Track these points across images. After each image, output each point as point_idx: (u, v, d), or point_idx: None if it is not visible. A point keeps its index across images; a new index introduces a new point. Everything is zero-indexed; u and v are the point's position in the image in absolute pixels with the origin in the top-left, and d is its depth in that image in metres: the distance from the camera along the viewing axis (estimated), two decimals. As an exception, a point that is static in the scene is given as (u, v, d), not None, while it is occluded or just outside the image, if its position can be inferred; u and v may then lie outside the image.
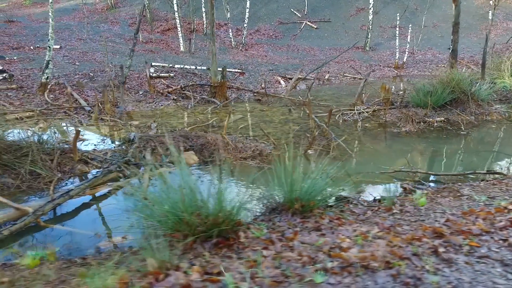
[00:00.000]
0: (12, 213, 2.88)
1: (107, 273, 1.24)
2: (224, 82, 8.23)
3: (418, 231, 1.64)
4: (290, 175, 2.30)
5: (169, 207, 1.88)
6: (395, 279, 1.21)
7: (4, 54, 11.93)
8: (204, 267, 1.35)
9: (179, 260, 1.42)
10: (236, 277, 1.22)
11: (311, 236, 1.67)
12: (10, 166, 3.63)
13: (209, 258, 1.47)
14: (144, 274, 1.27)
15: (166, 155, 4.23)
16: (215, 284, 1.21)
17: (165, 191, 1.96)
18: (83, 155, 4.12)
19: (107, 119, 6.28)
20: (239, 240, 1.66)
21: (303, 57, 17.20)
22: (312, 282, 1.19)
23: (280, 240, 1.65)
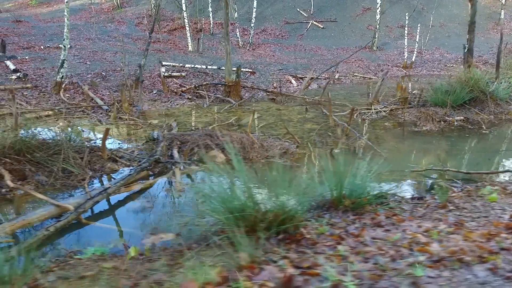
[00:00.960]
0: (53, 210, 2.89)
1: (205, 268, 1.25)
2: (239, 81, 8.24)
3: (490, 227, 1.64)
4: (339, 172, 2.30)
5: (229, 203, 1.88)
6: (494, 273, 1.21)
7: (16, 53, 11.98)
8: (292, 262, 1.36)
9: (261, 255, 1.42)
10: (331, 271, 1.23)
11: (376, 232, 1.68)
12: (43, 164, 3.65)
13: (285, 253, 1.48)
14: (238, 268, 1.28)
15: (194, 154, 4.24)
16: (315, 277, 1.22)
17: (220, 188, 1.96)
18: (112, 154, 4.13)
19: (126, 118, 6.30)
20: (305, 236, 1.67)
21: (311, 56, 17.20)
22: (411, 275, 1.19)
23: (347, 236, 1.66)
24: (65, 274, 1.46)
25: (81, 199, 3.11)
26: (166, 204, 3.27)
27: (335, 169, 2.38)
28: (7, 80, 9.02)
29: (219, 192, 1.94)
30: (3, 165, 3.48)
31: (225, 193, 1.91)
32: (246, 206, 1.83)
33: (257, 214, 1.76)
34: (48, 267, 1.69)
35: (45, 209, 2.87)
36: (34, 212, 2.82)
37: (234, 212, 1.85)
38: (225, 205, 1.92)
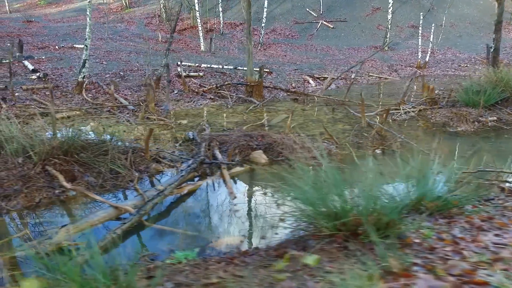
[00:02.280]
0: (112, 212, 2.84)
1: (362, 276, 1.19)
2: (261, 81, 8.19)
3: None
4: (421, 173, 2.24)
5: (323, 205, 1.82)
6: None
7: (32, 53, 11.96)
8: (432, 268, 1.30)
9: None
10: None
11: (488, 236, 1.62)
12: (90, 164, 3.60)
13: (411, 259, 1.42)
14: (390, 275, 1.22)
15: (235, 154, 4.18)
16: (481, 286, 1.17)
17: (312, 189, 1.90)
18: (155, 154, 4.08)
19: (154, 118, 6.25)
20: (414, 241, 1.61)
21: (323, 56, 17.13)
22: None
23: (459, 240, 1.60)
24: (184, 281, 1.41)
25: (136, 200, 3.06)
26: (218, 206, 3.22)
27: (411, 170, 2.32)
28: (27, 80, 9.00)
29: (311, 194, 1.88)
30: (53, 166, 3.43)
31: (318, 195, 1.86)
32: (345, 208, 1.77)
33: (359, 217, 1.70)
34: (145, 273, 1.64)
35: (105, 211, 2.82)
36: (95, 214, 2.77)
37: (331, 215, 1.80)
38: (317, 208, 1.86)
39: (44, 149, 3.46)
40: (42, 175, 3.32)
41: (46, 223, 2.87)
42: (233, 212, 3.00)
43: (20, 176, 3.26)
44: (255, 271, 1.47)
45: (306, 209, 1.93)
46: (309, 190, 1.91)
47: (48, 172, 3.37)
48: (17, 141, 3.54)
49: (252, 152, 4.26)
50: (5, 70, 10.02)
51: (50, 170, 3.35)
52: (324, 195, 1.82)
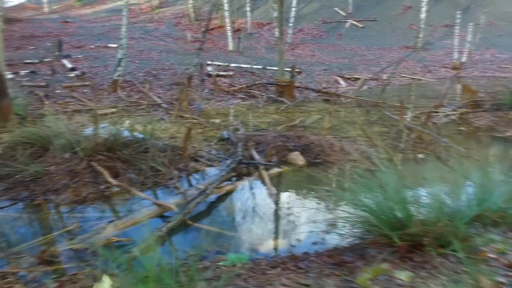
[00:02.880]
0: (156, 210, 2.87)
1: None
2: (293, 81, 8.10)
3: None
4: (482, 180, 2.09)
5: (384, 212, 1.73)
6: None
7: (69, 52, 12.47)
8: None
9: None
10: None
11: None
12: (130, 161, 3.67)
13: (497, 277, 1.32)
14: None
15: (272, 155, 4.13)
16: None
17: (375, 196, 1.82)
18: (193, 153, 4.11)
19: (187, 117, 6.32)
20: (490, 256, 1.50)
21: (352, 57, 16.76)
22: None
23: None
24: (245, 286, 1.37)
25: (178, 199, 3.07)
26: (258, 207, 3.18)
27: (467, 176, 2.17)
28: (66, 78, 9.38)
29: (372, 199, 1.79)
30: (97, 162, 3.52)
31: (380, 201, 1.77)
32: (409, 216, 1.68)
33: (426, 227, 1.60)
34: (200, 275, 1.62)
35: (149, 208, 2.86)
36: (140, 211, 2.81)
37: (393, 223, 1.70)
38: (378, 214, 1.77)
39: (89, 145, 3.56)
40: (88, 171, 3.42)
41: (94, 218, 2.94)
42: (274, 214, 2.96)
43: (67, 171, 3.37)
44: (320, 280, 1.41)
45: (363, 215, 1.85)
46: (369, 196, 1.82)
47: (93, 168, 3.46)
48: (64, 137, 3.66)
49: (289, 153, 4.19)
50: (46, 68, 10.50)
51: (95, 166, 3.44)
52: (386, 201, 1.73)
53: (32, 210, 2.98)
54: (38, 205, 3.05)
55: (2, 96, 5.11)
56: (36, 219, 2.89)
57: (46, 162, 3.49)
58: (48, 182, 3.26)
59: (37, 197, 3.14)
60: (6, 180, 3.35)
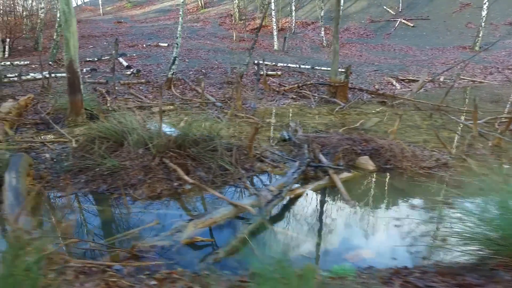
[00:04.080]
0: (232, 210, 2.84)
1: None
2: (347, 82, 7.83)
3: None
4: None
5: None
6: None
7: (124, 51, 13.09)
8: None
9: None
10: None
11: None
12: (200, 160, 3.69)
13: None
14: None
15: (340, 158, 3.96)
16: None
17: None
18: (258, 153, 4.06)
19: (242, 116, 6.31)
20: None
21: (402, 57, 15.97)
22: None
23: None
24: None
25: (252, 200, 3.02)
26: (334, 212, 3.04)
27: None
28: (123, 75, 9.82)
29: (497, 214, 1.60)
30: (169, 159, 3.58)
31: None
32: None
33: None
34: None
35: (226, 209, 2.83)
36: (217, 211, 2.79)
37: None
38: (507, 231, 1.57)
39: (162, 142, 3.62)
40: (161, 167, 3.48)
41: (170, 215, 2.98)
42: (353, 220, 2.81)
43: (142, 166, 3.45)
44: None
45: (481, 231, 1.65)
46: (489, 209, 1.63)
47: (165, 165, 3.52)
48: (137, 133, 3.76)
49: (356, 157, 4.00)
50: (104, 66, 11.10)
51: (167, 163, 3.50)
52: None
53: (112, 204, 3.08)
54: (116, 198, 3.15)
55: (75, 92, 5.42)
56: (117, 212, 2.97)
57: (121, 156, 3.61)
58: (124, 177, 3.36)
59: (116, 191, 3.25)
60: (86, 173, 3.51)
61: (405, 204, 3.18)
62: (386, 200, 3.29)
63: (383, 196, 3.37)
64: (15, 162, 2.97)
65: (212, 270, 2.11)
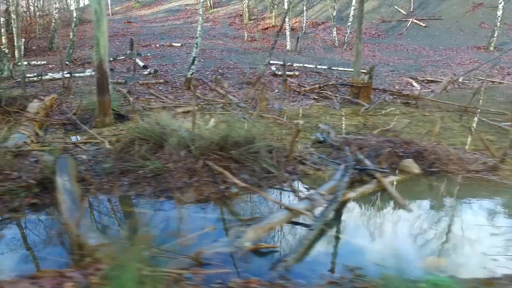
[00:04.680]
0: (288, 214, 2.75)
1: None
2: (370, 82, 7.72)
3: None
4: None
5: None
6: None
7: (138, 51, 13.05)
8: None
9: None
10: None
11: None
12: (242, 162, 3.61)
13: None
14: None
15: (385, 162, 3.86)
16: None
17: None
18: (297, 155, 3.97)
19: (269, 117, 6.22)
20: None
21: (416, 57, 15.83)
22: None
23: None
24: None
25: (305, 205, 2.93)
26: (390, 217, 2.94)
27: None
28: (141, 75, 9.77)
29: None
30: (212, 161, 3.50)
31: None
32: None
33: None
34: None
35: (282, 213, 2.75)
36: (273, 216, 2.71)
37: None
38: None
39: (204, 144, 3.55)
40: (205, 170, 3.40)
41: (221, 220, 2.90)
42: (414, 226, 2.71)
43: (186, 169, 3.38)
44: None
45: None
46: None
47: (209, 167, 3.44)
48: (177, 135, 3.69)
49: (399, 160, 3.90)
50: (120, 66, 11.06)
51: (212, 165, 3.42)
52: None
53: (161, 207, 3.00)
54: (164, 201, 3.08)
55: (104, 92, 5.36)
56: (168, 217, 2.90)
57: (163, 159, 3.53)
58: (169, 179, 3.29)
59: (162, 194, 3.18)
60: (127, 175, 3.43)
61: (466, 208, 3.08)
62: (443, 203, 3.19)
63: (438, 199, 3.27)
64: (64, 164, 2.91)
65: (286, 278, 2.02)
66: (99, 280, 1.70)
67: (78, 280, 1.77)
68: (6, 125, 5.16)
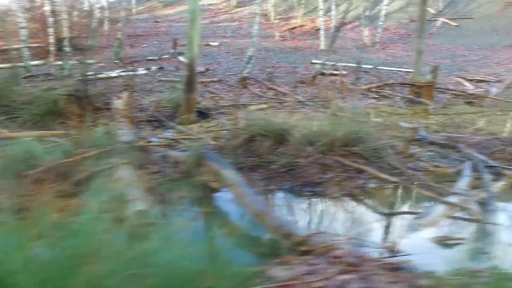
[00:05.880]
0: (448, 209, 2.76)
1: None
2: (434, 82, 7.68)
3: None
4: None
5: None
6: None
7: (179, 50, 13.15)
8: None
9: None
10: None
11: None
12: (368, 159, 3.62)
13: None
14: None
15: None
16: None
17: None
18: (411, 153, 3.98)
19: (343, 115, 6.23)
20: None
21: (452, 57, 15.66)
22: None
23: None
24: None
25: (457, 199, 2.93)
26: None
27: None
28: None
29: None
30: (340, 157, 3.53)
31: None
32: None
33: None
34: None
35: (443, 207, 2.75)
36: (435, 210, 2.72)
37: None
38: None
39: (329, 140, 3.57)
40: (337, 165, 3.43)
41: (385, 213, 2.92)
42: None
43: (318, 164, 3.41)
44: None
45: None
46: None
47: (340, 162, 3.46)
48: (298, 131, 3.72)
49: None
50: (168, 64, 11.18)
51: (342, 160, 3.45)
52: None
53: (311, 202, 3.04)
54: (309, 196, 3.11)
55: (192, 90, 5.44)
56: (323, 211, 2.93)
57: (288, 154, 3.57)
58: (303, 175, 3.32)
59: (302, 189, 3.21)
60: (257, 170, 3.48)
61: None
62: None
63: None
64: (217, 158, 2.96)
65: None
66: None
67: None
68: (97, 121, 5.26)
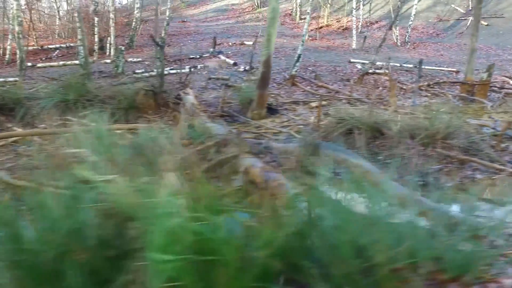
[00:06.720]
0: None
1: None
2: (489, 80, 7.70)
3: None
4: None
5: None
6: None
7: (216, 50, 13.39)
8: None
9: None
10: None
11: None
12: (467, 151, 3.72)
13: None
14: None
15: None
16: None
17: None
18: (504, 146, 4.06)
19: (406, 112, 6.31)
20: None
21: (486, 57, 15.51)
22: None
23: None
24: None
25: None
26: None
27: None
28: (237, 72, 10.08)
29: None
30: (441, 149, 3.64)
31: None
32: None
33: None
34: None
35: None
36: None
37: None
38: None
39: (429, 133, 3.69)
40: (442, 157, 3.54)
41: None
42: None
43: (422, 156, 3.52)
44: None
45: None
46: None
47: (443, 154, 3.57)
48: (395, 124, 3.84)
49: None
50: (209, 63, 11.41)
51: (448, 153, 3.55)
52: None
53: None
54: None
55: (265, 86, 5.61)
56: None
57: (386, 146, 3.70)
58: (410, 165, 3.44)
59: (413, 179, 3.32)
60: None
61: None
62: None
63: None
64: (338, 147, 3.11)
65: None
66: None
67: None
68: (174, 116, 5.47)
